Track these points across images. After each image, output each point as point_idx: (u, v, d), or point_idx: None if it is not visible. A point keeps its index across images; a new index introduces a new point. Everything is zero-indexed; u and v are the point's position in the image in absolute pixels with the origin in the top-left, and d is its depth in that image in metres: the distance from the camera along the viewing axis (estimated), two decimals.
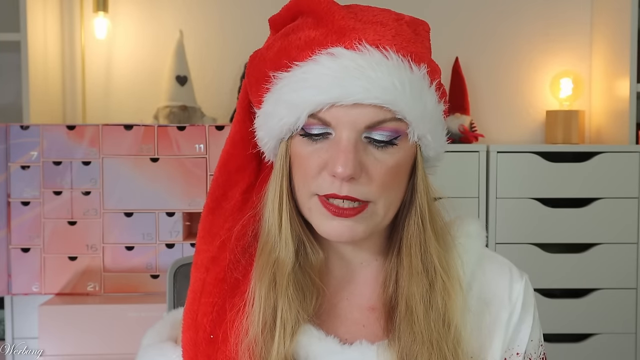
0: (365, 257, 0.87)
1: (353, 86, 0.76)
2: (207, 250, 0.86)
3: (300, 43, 0.79)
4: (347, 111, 0.77)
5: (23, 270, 1.89)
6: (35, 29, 2.18)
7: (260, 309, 0.81)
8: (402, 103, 0.77)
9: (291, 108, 0.79)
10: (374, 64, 0.76)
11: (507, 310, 0.87)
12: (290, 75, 0.79)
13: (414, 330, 0.81)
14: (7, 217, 1.89)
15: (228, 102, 2.44)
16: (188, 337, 0.84)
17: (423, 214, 0.83)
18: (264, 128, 0.83)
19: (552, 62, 2.49)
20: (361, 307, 0.86)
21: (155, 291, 1.90)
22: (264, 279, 0.81)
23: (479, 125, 2.41)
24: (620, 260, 2.10)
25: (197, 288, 0.85)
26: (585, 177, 2.09)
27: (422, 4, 2.42)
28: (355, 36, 0.77)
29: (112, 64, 2.46)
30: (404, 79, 0.77)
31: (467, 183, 2.09)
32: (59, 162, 1.90)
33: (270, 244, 0.82)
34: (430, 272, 0.82)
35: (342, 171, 0.75)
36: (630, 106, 2.18)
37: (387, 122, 0.78)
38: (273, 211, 0.82)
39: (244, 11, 2.45)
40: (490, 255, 0.90)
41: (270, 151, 0.85)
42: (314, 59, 0.78)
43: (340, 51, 0.77)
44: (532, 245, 2.10)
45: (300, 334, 0.81)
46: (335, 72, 0.76)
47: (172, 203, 1.91)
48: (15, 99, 2.39)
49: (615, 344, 2.10)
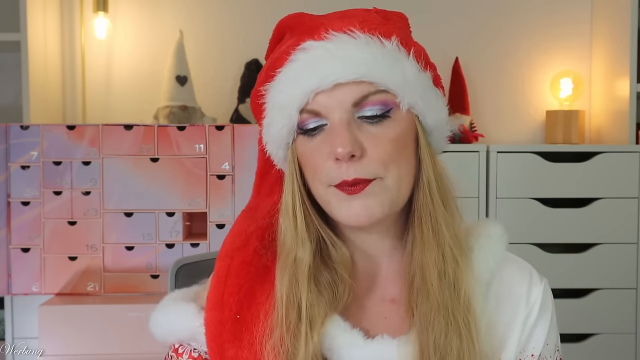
0: (387, 246, 0.88)
1: (327, 69, 0.79)
2: (233, 242, 0.88)
3: (279, 54, 0.84)
4: (330, 94, 0.80)
5: (23, 270, 1.89)
6: (35, 29, 2.18)
7: (282, 308, 0.81)
8: (379, 73, 0.79)
9: (281, 110, 0.82)
10: (342, 45, 0.80)
11: (524, 312, 0.88)
12: (274, 82, 0.84)
13: (430, 298, 0.82)
14: (7, 217, 1.90)
15: (228, 102, 2.44)
16: (213, 315, 0.84)
17: (430, 184, 0.84)
18: (269, 141, 0.87)
19: (552, 62, 2.49)
20: (384, 299, 0.88)
21: (156, 291, 1.90)
22: (284, 279, 0.83)
23: (479, 125, 2.41)
24: (620, 260, 2.10)
25: (222, 273, 0.85)
26: (585, 177, 2.09)
27: (422, 4, 2.42)
28: (323, 29, 0.82)
29: (112, 64, 2.46)
30: (375, 51, 0.80)
31: (467, 183, 2.09)
32: (59, 162, 1.90)
33: (287, 246, 0.84)
34: (440, 240, 0.83)
35: (342, 150, 0.78)
36: (630, 106, 2.18)
37: (372, 96, 0.80)
38: (287, 213, 0.84)
39: (244, 11, 2.45)
40: (512, 258, 0.91)
41: (283, 162, 0.88)
42: (290, 59, 0.82)
43: (310, 44, 0.81)
44: (532, 245, 2.10)
45: (328, 324, 0.82)
46: (308, 63, 0.80)
47: (172, 203, 1.91)
48: (15, 99, 2.40)
49: (615, 344, 2.10)
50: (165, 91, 2.27)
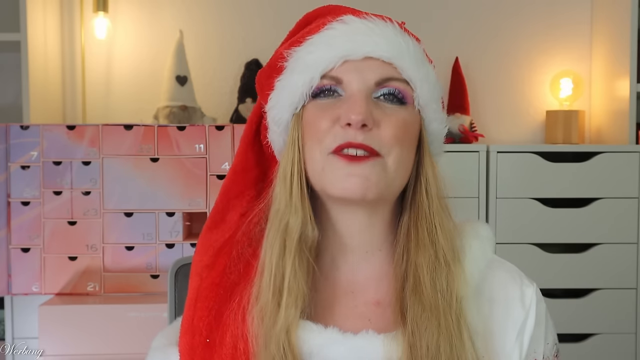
0: (372, 243, 0.87)
1: (363, 41, 0.82)
2: (201, 260, 0.88)
3: (311, 28, 0.86)
4: (357, 65, 0.82)
5: (23, 270, 1.89)
6: (35, 29, 2.18)
7: (271, 275, 0.82)
8: (408, 61, 0.83)
9: (304, 71, 0.83)
10: (382, 25, 0.84)
11: (520, 315, 0.86)
12: (303, 46, 0.85)
13: (423, 300, 0.81)
14: (7, 217, 1.90)
15: (228, 102, 2.44)
16: (185, 341, 0.84)
17: (429, 184, 0.85)
18: (276, 107, 0.87)
19: (552, 62, 2.49)
20: (366, 302, 0.86)
21: (155, 291, 1.90)
22: (275, 245, 0.83)
23: (479, 125, 2.41)
24: (620, 260, 2.09)
25: (192, 296, 0.86)
26: (585, 177, 2.09)
27: (422, 4, 2.42)
28: (364, 12, 0.86)
29: (112, 64, 2.46)
30: (408, 42, 0.84)
31: (467, 183, 2.09)
32: (59, 162, 1.90)
33: (280, 211, 0.84)
34: (434, 243, 0.84)
35: (355, 117, 0.79)
36: (630, 106, 2.18)
37: (394, 80, 0.82)
38: (285, 180, 0.84)
39: (244, 11, 2.45)
40: (500, 261, 0.91)
41: (283, 131, 0.88)
42: (326, 27, 0.84)
43: (351, 18, 0.84)
44: (532, 245, 2.10)
45: (300, 330, 0.81)
46: (346, 31, 0.83)
47: (172, 203, 1.91)
48: (15, 99, 2.40)
49: (615, 344, 2.10)
50: (165, 91, 2.27)
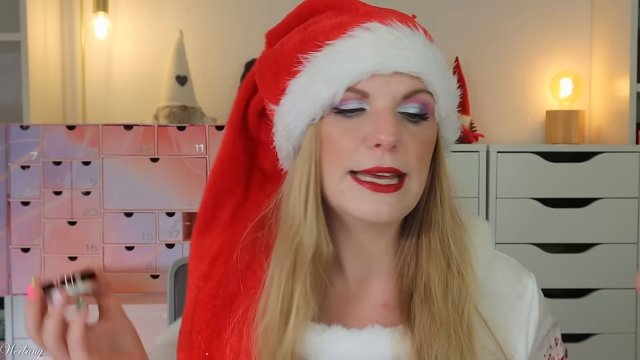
0: (382, 247, 0.85)
1: (393, 55, 0.77)
2: (197, 269, 0.86)
3: (327, 28, 0.80)
4: (386, 80, 0.77)
5: (23, 270, 1.89)
6: (35, 29, 2.18)
7: (280, 294, 0.79)
8: (434, 74, 0.79)
9: (329, 82, 0.78)
10: (410, 35, 0.79)
11: (524, 308, 0.87)
12: (324, 53, 0.79)
13: (432, 310, 0.80)
14: (7, 217, 1.89)
15: (228, 102, 2.44)
16: (183, 356, 0.83)
17: (444, 196, 0.84)
18: (290, 114, 0.81)
19: (552, 62, 2.49)
20: (373, 304, 0.85)
21: (155, 291, 1.90)
22: (286, 263, 0.79)
23: (479, 125, 2.40)
24: (620, 260, 2.09)
25: (189, 306, 0.84)
26: (585, 177, 2.09)
27: (422, 4, 2.42)
28: (385, 15, 0.80)
29: (112, 64, 2.46)
30: (435, 52, 0.81)
31: (467, 183, 2.08)
32: (59, 162, 1.90)
33: (294, 228, 0.80)
34: (446, 254, 0.82)
35: (386, 138, 0.75)
36: (630, 106, 2.18)
37: (420, 93, 0.79)
38: (300, 195, 0.80)
39: (244, 11, 2.45)
40: (500, 254, 0.91)
41: (295, 139, 0.82)
42: (349, 34, 0.78)
43: (377, 25, 0.79)
44: (532, 245, 2.10)
45: (307, 333, 0.80)
46: (374, 42, 0.77)
47: (172, 203, 1.91)
48: (15, 99, 2.40)
49: (615, 344, 2.10)
50: (165, 91, 2.27)
